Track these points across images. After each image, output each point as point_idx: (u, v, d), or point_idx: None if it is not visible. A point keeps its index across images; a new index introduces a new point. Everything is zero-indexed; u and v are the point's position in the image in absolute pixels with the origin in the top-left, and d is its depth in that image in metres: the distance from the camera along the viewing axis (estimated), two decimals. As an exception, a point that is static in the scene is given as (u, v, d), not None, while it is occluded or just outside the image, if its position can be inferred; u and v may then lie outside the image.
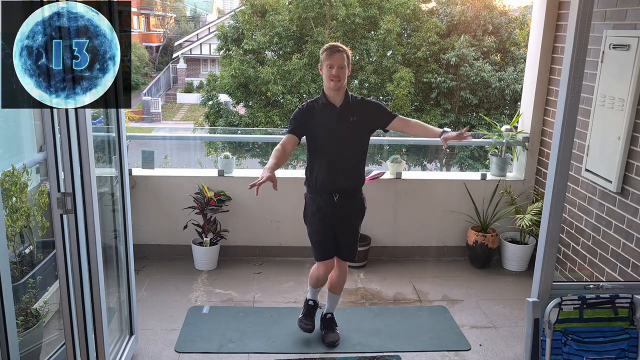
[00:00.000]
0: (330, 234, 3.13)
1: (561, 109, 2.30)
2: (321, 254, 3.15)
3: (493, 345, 3.38)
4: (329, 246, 3.15)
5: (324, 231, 3.12)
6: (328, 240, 3.14)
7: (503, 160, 4.61)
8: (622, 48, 3.36)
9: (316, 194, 3.11)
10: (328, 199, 3.08)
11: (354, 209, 3.17)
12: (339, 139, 3.04)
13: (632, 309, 2.50)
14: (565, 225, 4.09)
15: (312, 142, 3.10)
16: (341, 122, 3.02)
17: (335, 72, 2.95)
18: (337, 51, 2.96)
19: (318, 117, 3.04)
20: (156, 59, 32.90)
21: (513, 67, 13.53)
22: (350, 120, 3.02)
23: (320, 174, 3.06)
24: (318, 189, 3.09)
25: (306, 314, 3.38)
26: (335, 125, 3.02)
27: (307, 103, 3.12)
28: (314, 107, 3.07)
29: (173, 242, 4.46)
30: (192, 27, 35.36)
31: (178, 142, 11.17)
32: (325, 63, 2.97)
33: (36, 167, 3.37)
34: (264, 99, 13.72)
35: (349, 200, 3.12)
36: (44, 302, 3.01)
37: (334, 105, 3.03)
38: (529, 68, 4.55)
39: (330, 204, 3.08)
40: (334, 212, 3.10)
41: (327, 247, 3.15)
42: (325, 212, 3.10)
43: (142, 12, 32.10)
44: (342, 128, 3.02)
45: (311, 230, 3.17)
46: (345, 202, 3.10)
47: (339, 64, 2.95)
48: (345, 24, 13.29)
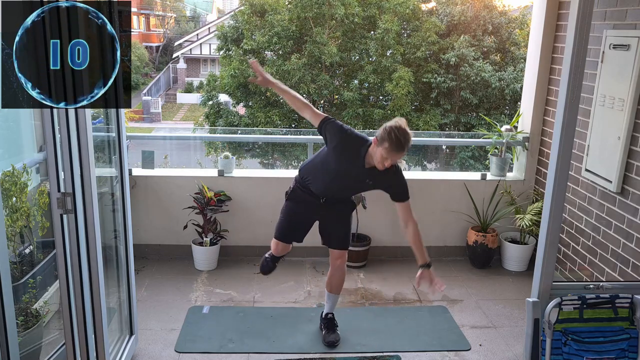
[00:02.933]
0: (301, 224, 3.21)
1: (561, 109, 2.30)
2: (280, 235, 3.24)
3: (493, 345, 3.38)
4: (291, 233, 3.22)
5: (297, 220, 3.19)
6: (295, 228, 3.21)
7: (503, 160, 4.60)
8: (622, 48, 3.36)
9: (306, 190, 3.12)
10: (315, 199, 3.11)
11: (340, 209, 3.19)
12: (345, 181, 3.00)
13: (632, 309, 2.50)
14: (565, 225, 4.10)
15: (321, 158, 3.04)
16: (359, 176, 2.95)
17: (388, 165, 2.81)
18: (402, 151, 2.76)
19: (347, 152, 2.91)
20: (156, 59, 32.89)
21: (513, 67, 13.53)
22: (367, 181, 2.98)
23: (315, 184, 3.08)
24: (309, 190, 3.10)
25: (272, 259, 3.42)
26: (351, 173, 2.95)
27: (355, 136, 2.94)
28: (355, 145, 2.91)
29: (173, 242, 4.45)
30: (192, 27, 35.34)
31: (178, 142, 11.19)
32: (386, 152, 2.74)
33: (36, 167, 3.36)
34: (263, 99, 13.73)
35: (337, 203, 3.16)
36: (44, 302, 3.00)
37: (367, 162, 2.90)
38: (529, 68, 4.54)
39: (316, 204, 3.11)
40: (317, 212, 3.15)
41: (289, 234, 3.23)
42: (307, 208, 3.14)
43: (142, 12, 32.08)
44: (355, 180, 2.98)
45: (285, 210, 3.21)
46: (332, 205, 3.13)
47: (396, 160, 2.83)
48: (344, 23, 13.29)
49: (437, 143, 9.90)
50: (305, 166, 3.15)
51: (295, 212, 3.18)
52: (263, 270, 3.44)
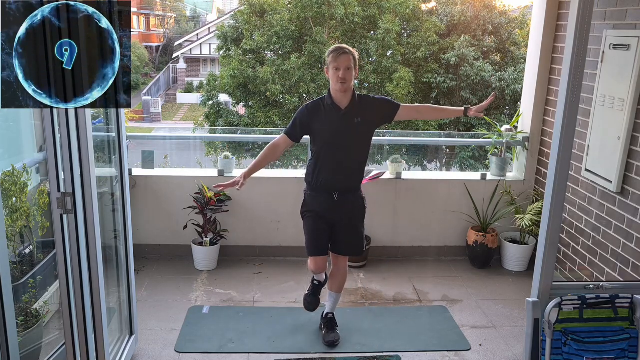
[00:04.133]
0: (325, 231, 3.15)
1: (561, 109, 2.30)
2: (312, 250, 3.18)
3: (493, 345, 3.38)
4: (320, 244, 3.17)
5: (319, 228, 3.14)
6: (321, 238, 3.16)
7: (503, 160, 4.61)
8: (622, 48, 3.36)
9: (316, 192, 3.12)
10: (328, 197, 3.09)
11: (354, 207, 3.18)
12: (343, 141, 3.03)
13: (632, 309, 2.50)
14: (565, 225, 4.10)
15: (316, 143, 3.09)
16: (346, 124, 3.01)
17: (342, 75, 2.93)
18: (343, 53, 2.94)
19: (322, 119, 3.03)
20: (156, 59, 32.90)
21: (513, 67, 13.53)
22: (355, 121, 3.01)
23: (323, 174, 3.07)
24: (319, 187, 3.10)
25: (312, 292, 3.31)
26: (339, 128, 3.01)
27: (312, 103, 3.10)
28: (319, 108, 3.06)
29: (173, 242, 4.45)
30: (192, 27, 35.35)
31: (178, 142, 11.15)
32: (332, 65, 2.95)
33: (36, 167, 3.36)
34: (263, 99, 13.73)
35: (349, 197, 3.13)
36: (44, 302, 3.00)
37: (339, 107, 3.01)
38: (529, 68, 4.54)
39: (331, 203, 3.09)
40: (333, 211, 3.11)
41: (319, 245, 3.17)
42: (324, 211, 3.12)
43: (142, 12, 32.09)
44: (347, 131, 3.02)
45: (306, 226, 3.19)
46: (345, 200, 3.11)
47: (346, 65, 2.93)
48: (344, 23, 13.29)
49: (437, 143, 9.89)
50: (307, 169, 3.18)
51: (316, 216, 3.14)
52: (308, 308, 3.31)
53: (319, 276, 3.30)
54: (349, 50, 2.97)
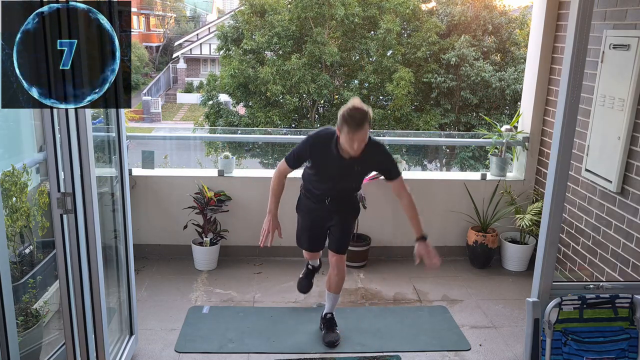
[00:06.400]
0: (317, 230, 3.27)
1: (561, 109, 2.30)
2: (305, 246, 3.39)
3: (493, 345, 3.38)
4: (313, 242, 3.34)
5: (311, 227, 3.28)
6: (314, 237, 3.31)
7: (503, 160, 4.60)
8: (622, 48, 3.36)
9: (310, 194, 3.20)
10: (321, 203, 3.16)
11: (347, 210, 3.24)
12: (339, 177, 3.03)
13: (632, 309, 2.50)
14: (565, 225, 4.09)
15: (313, 168, 3.10)
16: (345, 169, 2.95)
17: (356, 147, 2.75)
18: (360, 128, 2.69)
19: (323, 157, 2.95)
20: (156, 59, 32.89)
21: (513, 67, 13.53)
22: (355, 169, 2.97)
23: (316, 189, 3.15)
24: (312, 196, 3.19)
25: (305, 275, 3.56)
26: (338, 170, 2.97)
27: (316, 140, 2.96)
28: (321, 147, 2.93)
29: (173, 242, 4.45)
30: (192, 27, 35.33)
31: (178, 142, 11.15)
32: (347, 135, 2.72)
33: (36, 167, 3.36)
34: (263, 99, 13.73)
35: (342, 202, 3.19)
36: (44, 302, 3.00)
37: (343, 157, 2.90)
38: (529, 68, 4.54)
39: (324, 208, 3.16)
40: (325, 214, 3.19)
41: (312, 243, 3.35)
42: (316, 213, 3.21)
43: (142, 12, 32.08)
44: (344, 172, 2.98)
45: (300, 223, 3.34)
46: (338, 204, 3.17)
47: (362, 139, 2.73)
48: (345, 23, 13.29)
49: (437, 143, 9.89)
50: (303, 175, 3.23)
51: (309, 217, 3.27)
52: (302, 290, 3.59)
53: (313, 262, 3.50)
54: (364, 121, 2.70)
